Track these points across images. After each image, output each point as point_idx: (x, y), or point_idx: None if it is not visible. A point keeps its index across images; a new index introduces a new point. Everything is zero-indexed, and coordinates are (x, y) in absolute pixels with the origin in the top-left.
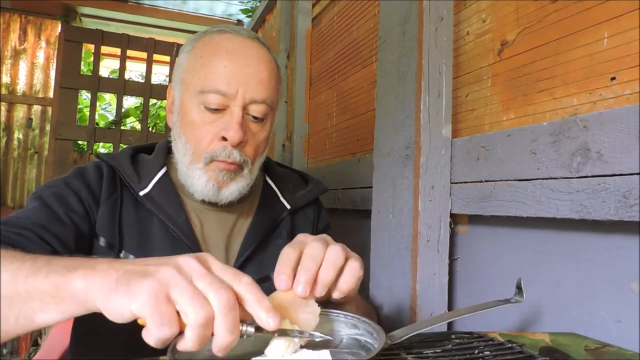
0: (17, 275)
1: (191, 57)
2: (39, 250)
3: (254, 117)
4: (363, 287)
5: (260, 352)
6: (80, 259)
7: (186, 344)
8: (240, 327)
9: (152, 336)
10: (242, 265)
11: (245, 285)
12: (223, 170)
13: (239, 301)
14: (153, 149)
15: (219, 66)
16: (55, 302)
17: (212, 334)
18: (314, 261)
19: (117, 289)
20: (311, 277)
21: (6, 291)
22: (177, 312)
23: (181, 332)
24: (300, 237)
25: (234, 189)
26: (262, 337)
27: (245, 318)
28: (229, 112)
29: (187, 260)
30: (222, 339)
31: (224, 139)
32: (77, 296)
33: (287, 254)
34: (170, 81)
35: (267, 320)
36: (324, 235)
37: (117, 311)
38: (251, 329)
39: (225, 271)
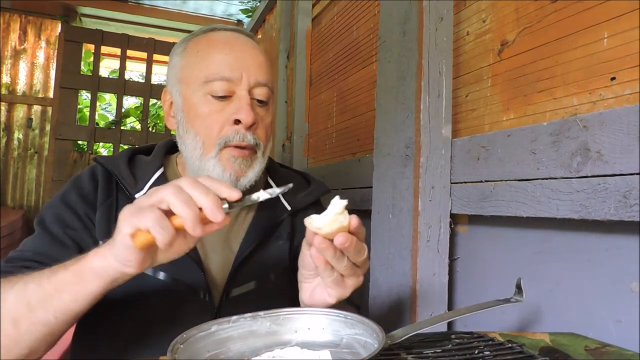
0: (41, 281)
1: (186, 55)
2: None
3: (259, 101)
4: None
5: (259, 352)
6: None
7: (186, 224)
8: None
9: (159, 242)
10: (242, 264)
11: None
12: (239, 157)
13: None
14: (152, 150)
15: (220, 55)
16: (79, 286)
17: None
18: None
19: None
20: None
21: (38, 295)
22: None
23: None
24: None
25: (251, 176)
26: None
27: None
28: (236, 97)
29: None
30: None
31: (236, 122)
32: (96, 270)
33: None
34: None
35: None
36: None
37: (121, 245)
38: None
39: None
